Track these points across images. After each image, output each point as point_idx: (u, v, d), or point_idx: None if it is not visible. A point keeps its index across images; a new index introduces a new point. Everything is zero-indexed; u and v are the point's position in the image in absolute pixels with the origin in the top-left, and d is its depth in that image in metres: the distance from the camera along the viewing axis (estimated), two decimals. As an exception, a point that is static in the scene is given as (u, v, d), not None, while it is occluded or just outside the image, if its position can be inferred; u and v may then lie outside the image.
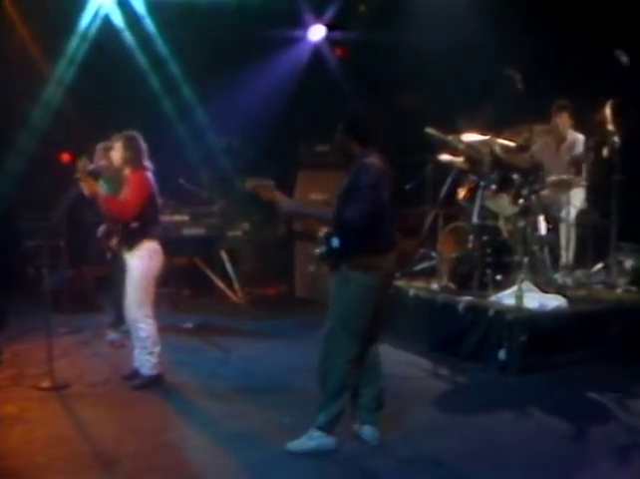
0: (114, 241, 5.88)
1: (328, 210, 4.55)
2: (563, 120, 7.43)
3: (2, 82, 8.56)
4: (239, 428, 5.01)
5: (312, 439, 4.53)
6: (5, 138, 9.06)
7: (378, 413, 4.68)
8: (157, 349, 5.79)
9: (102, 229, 6.26)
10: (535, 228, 6.93)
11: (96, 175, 5.85)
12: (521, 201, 6.88)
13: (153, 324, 5.77)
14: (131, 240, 5.67)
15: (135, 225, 5.64)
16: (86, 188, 5.69)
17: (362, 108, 4.78)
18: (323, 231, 4.49)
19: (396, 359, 6.44)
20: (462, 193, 7.32)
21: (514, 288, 6.42)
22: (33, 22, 8.95)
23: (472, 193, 7.20)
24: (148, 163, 5.80)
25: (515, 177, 6.95)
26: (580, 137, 7.39)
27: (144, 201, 5.67)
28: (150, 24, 9.53)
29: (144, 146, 5.77)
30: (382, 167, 4.47)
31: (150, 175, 5.77)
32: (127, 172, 5.73)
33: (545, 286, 6.70)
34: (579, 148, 7.36)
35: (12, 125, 9.10)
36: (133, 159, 5.70)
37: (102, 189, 5.80)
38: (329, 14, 10.20)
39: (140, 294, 5.69)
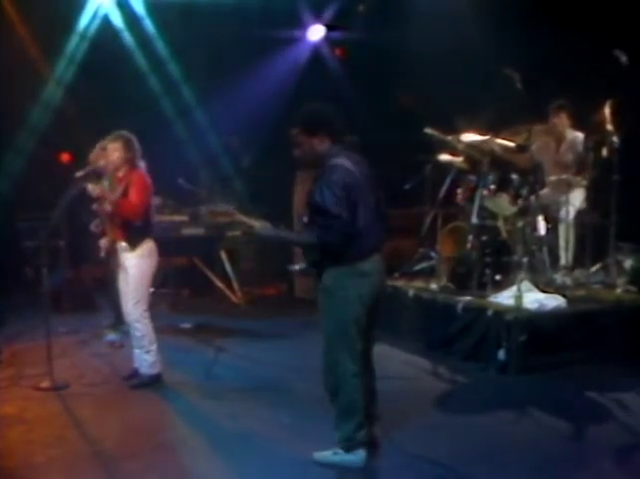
0: (104, 241, 5.89)
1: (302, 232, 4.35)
2: (561, 120, 7.43)
3: (2, 82, 8.55)
4: (238, 428, 5.00)
5: (336, 455, 4.40)
6: (5, 138, 9.06)
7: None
8: (153, 348, 5.78)
9: (95, 224, 6.22)
10: (534, 228, 6.94)
11: (99, 175, 5.86)
12: (520, 201, 6.89)
13: (149, 323, 5.77)
14: (134, 240, 5.68)
15: (139, 224, 5.66)
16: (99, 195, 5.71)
17: (314, 104, 4.40)
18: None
19: (395, 359, 6.45)
20: (461, 192, 7.32)
21: (514, 288, 6.42)
22: (33, 22, 8.95)
23: (471, 192, 7.20)
24: (142, 163, 5.81)
25: (515, 177, 6.96)
26: (580, 135, 7.39)
27: (148, 200, 5.73)
28: (149, 24, 9.54)
29: (139, 147, 5.80)
30: (351, 166, 4.23)
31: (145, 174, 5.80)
32: (121, 173, 5.73)
33: (544, 286, 6.70)
34: (580, 147, 7.35)
35: (12, 125, 9.10)
36: (132, 159, 5.72)
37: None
38: (328, 14, 10.20)
39: (136, 293, 5.69)
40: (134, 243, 5.67)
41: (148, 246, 5.73)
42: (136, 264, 5.67)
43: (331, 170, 4.18)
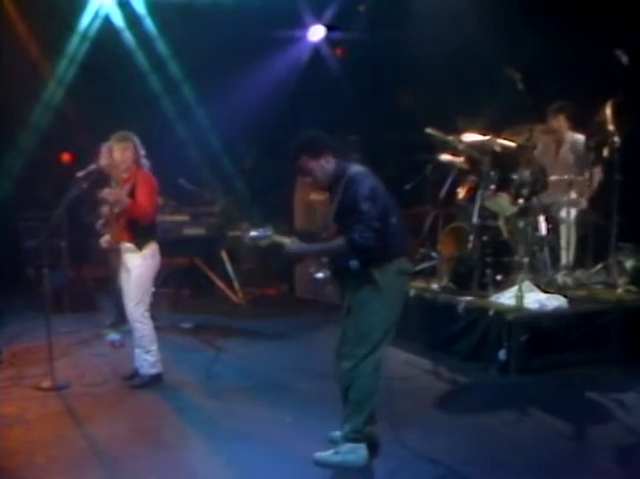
0: (105, 238, 5.88)
1: (331, 241, 4.36)
2: (560, 122, 7.41)
3: (2, 82, 8.56)
4: (239, 428, 5.00)
5: (337, 454, 4.41)
6: (5, 138, 9.06)
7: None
8: (154, 348, 5.79)
9: (101, 224, 6.22)
10: (536, 228, 6.93)
11: (98, 175, 5.86)
12: (521, 201, 6.88)
13: (149, 323, 5.77)
14: (141, 241, 5.68)
15: (145, 225, 5.66)
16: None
17: (300, 134, 4.49)
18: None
19: (396, 359, 6.44)
20: (462, 192, 7.32)
21: (515, 289, 6.42)
22: (33, 22, 8.96)
23: (471, 192, 7.20)
24: (145, 162, 5.82)
25: (515, 177, 6.95)
26: (580, 137, 7.37)
27: (156, 200, 5.78)
28: (150, 24, 9.54)
29: (141, 147, 5.81)
30: (366, 171, 4.37)
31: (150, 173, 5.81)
32: (125, 173, 5.73)
33: (546, 287, 6.69)
34: (581, 149, 7.33)
35: (12, 125, 9.10)
36: (134, 161, 5.73)
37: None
38: (329, 14, 10.20)
39: (137, 293, 5.70)
40: (140, 244, 5.68)
41: (152, 248, 5.75)
42: (139, 265, 5.68)
43: (353, 179, 4.29)
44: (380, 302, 4.33)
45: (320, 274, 4.44)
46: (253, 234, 4.49)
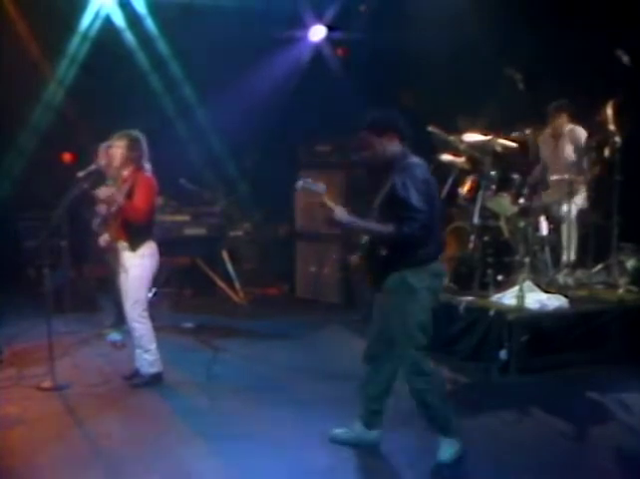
0: (104, 237, 5.88)
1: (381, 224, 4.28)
2: (562, 121, 7.42)
3: (2, 82, 8.56)
4: (239, 428, 5.00)
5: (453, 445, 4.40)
6: (5, 138, 9.07)
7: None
8: (153, 347, 5.78)
9: (97, 223, 6.22)
10: (536, 228, 6.93)
11: (99, 175, 5.85)
12: (522, 201, 6.88)
13: (147, 323, 5.77)
14: (136, 241, 5.67)
15: (142, 225, 5.66)
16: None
17: (380, 109, 4.46)
18: (364, 238, 4.37)
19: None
20: (465, 187, 7.31)
21: (516, 289, 6.41)
22: (34, 22, 8.96)
23: (474, 189, 7.19)
24: (147, 164, 5.80)
25: (516, 176, 6.95)
26: (579, 128, 7.35)
27: (154, 203, 5.75)
28: (150, 24, 9.54)
29: (146, 147, 5.78)
30: (425, 165, 4.35)
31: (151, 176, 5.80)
32: (125, 172, 5.73)
33: (546, 287, 6.70)
34: (580, 139, 7.30)
35: (12, 125, 9.11)
36: (135, 159, 5.71)
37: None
38: (329, 14, 10.20)
39: (135, 293, 5.69)
40: (135, 244, 5.67)
41: (149, 247, 5.73)
42: (136, 265, 5.67)
43: (411, 167, 4.26)
44: (417, 305, 4.30)
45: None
46: (308, 182, 4.43)
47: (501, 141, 7.11)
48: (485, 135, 7.13)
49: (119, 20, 9.46)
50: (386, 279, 4.32)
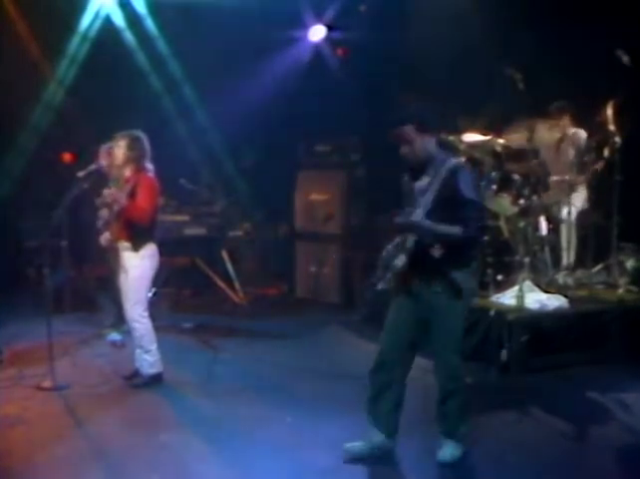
0: (105, 236, 5.89)
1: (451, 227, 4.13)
2: (565, 121, 7.42)
3: (2, 82, 8.56)
4: (239, 428, 5.00)
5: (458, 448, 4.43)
6: (5, 138, 9.06)
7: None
8: (153, 347, 5.78)
9: (101, 223, 6.22)
10: (536, 228, 6.93)
11: (99, 175, 5.85)
12: (522, 201, 6.88)
13: (147, 323, 5.77)
14: (138, 241, 5.67)
15: (144, 226, 5.65)
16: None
17: (423, 103, 4.46)
18: (411, 240, 4.11)
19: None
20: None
21: (515, 289, 6.41)
22: (34, 22, 8.95)
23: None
24: (149, 164, 5.80)
25: (516, 177, 6.95)
26: (581, 131, 7.36)
27: (156, 203, 5.76)
28: (150, 24, 9.54)
29: (148, 147, 5.78)
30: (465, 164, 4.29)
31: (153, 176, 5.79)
32: (127, 172, 5.73)
33: (546, 287, 6.70)
34: (582, 142, 7.31)
35: (12, 125, 9.10)
36: (136, 159, 5.71)
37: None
38: (329, 14, 10.19)
39: (135, 294, 5.70)
40: (137, 245, 5.67)
41: (150, 248, 5.73)
42: (137, 266, 5.67)
43: (459, 169, 4.12)
44: (463, 306, 4.28)
45: (399, 262, 4.09)
46: None
47: (501, 141, 7.11)
48: (486, 135, 7.13)
49: (119, 20, 9.46)
50: (433, 282, 4.20)
